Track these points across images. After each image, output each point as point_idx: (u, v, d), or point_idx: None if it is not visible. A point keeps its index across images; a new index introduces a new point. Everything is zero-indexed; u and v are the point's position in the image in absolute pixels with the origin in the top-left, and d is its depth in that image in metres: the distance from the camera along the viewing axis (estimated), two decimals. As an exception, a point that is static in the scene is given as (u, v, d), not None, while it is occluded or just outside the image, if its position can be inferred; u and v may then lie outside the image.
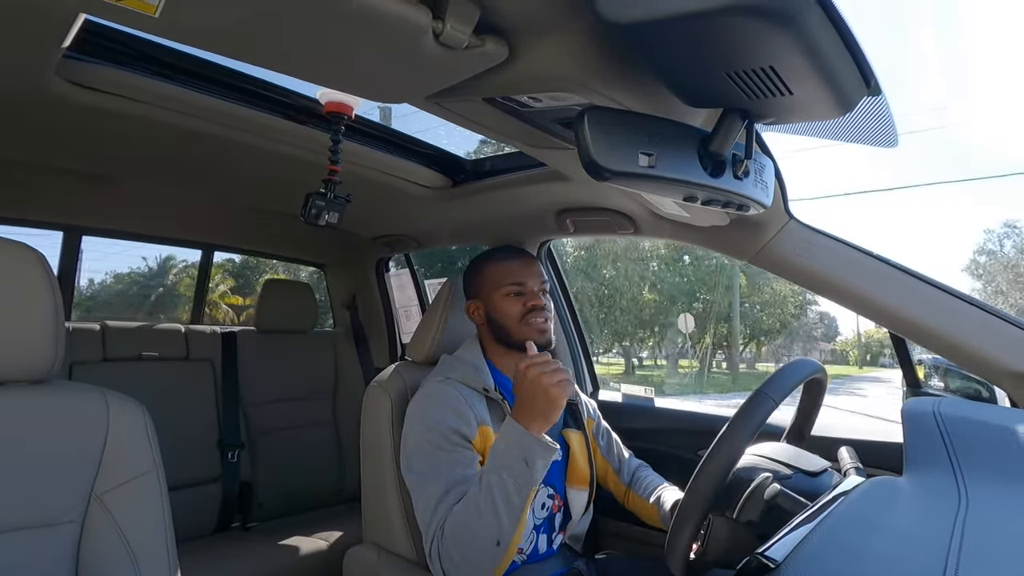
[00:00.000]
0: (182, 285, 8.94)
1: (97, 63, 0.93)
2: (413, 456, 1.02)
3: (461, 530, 0.91)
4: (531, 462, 0.88)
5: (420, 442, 1.01)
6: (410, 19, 0.60)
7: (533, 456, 0.88)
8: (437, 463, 0.98)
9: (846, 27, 0.48)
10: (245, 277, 14.38)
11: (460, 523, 0.91)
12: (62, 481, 0.76)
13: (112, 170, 1.38)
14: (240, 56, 0.73)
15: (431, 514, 0.95)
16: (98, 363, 1.68)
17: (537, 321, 1.11)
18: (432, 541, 0.94)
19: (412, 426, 1.04)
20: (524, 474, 0.88)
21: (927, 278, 1.04)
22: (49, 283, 0.77)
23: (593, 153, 0.58)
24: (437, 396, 1.04)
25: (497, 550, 0.89)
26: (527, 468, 0.88)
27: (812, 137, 0.78)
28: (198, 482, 1.75)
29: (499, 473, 0.89)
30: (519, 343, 1.10)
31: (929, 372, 1.38)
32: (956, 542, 0.49)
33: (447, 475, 0.97)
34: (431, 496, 0.96)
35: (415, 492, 1.01)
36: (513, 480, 0.88)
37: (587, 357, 1.83)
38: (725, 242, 1.22)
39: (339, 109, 1.10)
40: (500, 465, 0.89)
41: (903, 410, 0.75)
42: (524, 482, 0.88)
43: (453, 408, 1.02)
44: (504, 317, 1.12)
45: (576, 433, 1.20)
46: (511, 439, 0.90)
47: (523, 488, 0.88)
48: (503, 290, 1.12)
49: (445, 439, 0.99)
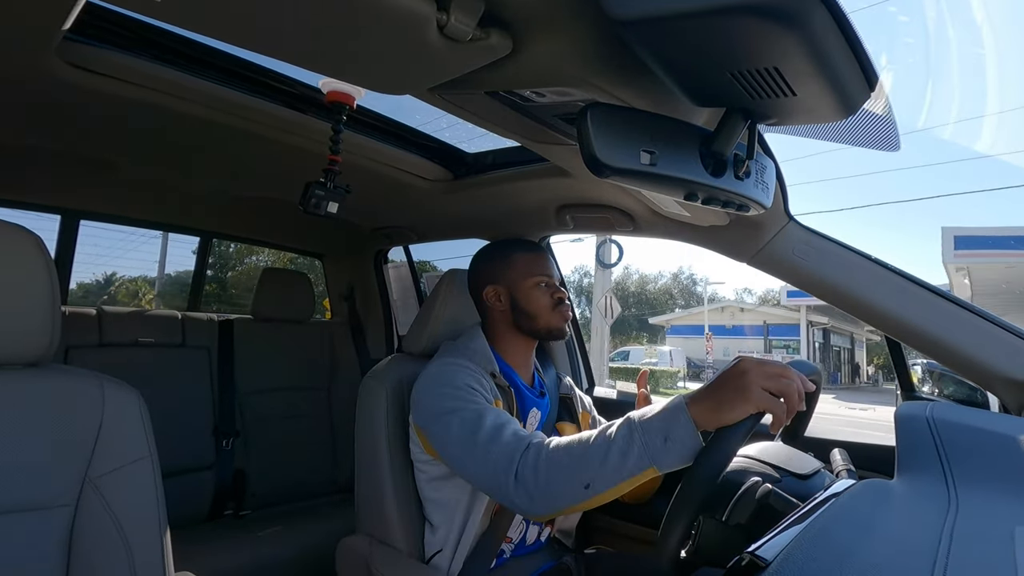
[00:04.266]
0: (121, 294, 9.33)
1: (98, 46, 0.92)
2: (437, 407, 0.98)
3: (561, 454, 0.82)
4: (672, 441, 0.75)
5: (443, 397, 0.97)
6: (414, 10, 0.60)
7: (677, 438, 0.74)
8: (469, 404, 0.95)
9: (852, 30, 0.48)
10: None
11: (563, 449, 0.82)
12: (56, 465, 0.76)
13: (111, 154, 1.37)
14: (242, 43, 0.73)
15: (495, 437, 0.88)
16: (94, 348, 1.67)
17: (564, 311, 1.17)
18: (517, 458, 0.85)
19: (429, 390, 1.01)
20: (656, 449, 0.75)
21: (924, 283, 1.04)
22: (46, 266, 0.77)
23: (595, 149, 0.58)
24: (451, 366, 1.04)
25: (584, 492, 0.79)
26: (662, 446, 0.75)
27: (813, 139, 0.78)
28: (192, 469, 1.75)
29: (632, 430, 0.77)
30: (545, 330, 1.14)
31: (923, 376, 1.38)
32: (945, 546, 0.49)
33: (489, 414, 0.92)
34: (484, 429, 0.90)
35: (448, 431, 0.94)
36: (642, 446, 0.76)
37: (583, 353, 1.83)
38: (724, 242, 1.22)
39: (341, 99, 1.09)
40: (640, 425, 0.77)
41: (896, 414, 0.75)
42: (650, 455, 0.75)
43: (470, 373, 1.02)
44: (534, 306, 1.14)
45: (571, 427, 1.21)
46: (669, 410, 0.77)
47: (644, 460, 0.75)
48: (533, 280, 1.14)
49: (470, 391, 0.98)
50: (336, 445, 2.09)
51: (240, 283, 11.61)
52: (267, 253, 13.51)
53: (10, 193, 1.66)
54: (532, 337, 1.16)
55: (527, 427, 1.12)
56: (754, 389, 0.70)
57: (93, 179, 1.58)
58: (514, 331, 1.16)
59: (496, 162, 1.40)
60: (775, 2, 0.45)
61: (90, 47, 0.91)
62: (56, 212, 1.82)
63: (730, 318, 26.40)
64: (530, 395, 1.15)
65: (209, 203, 1.89)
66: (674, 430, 0.74)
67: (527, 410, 1.13)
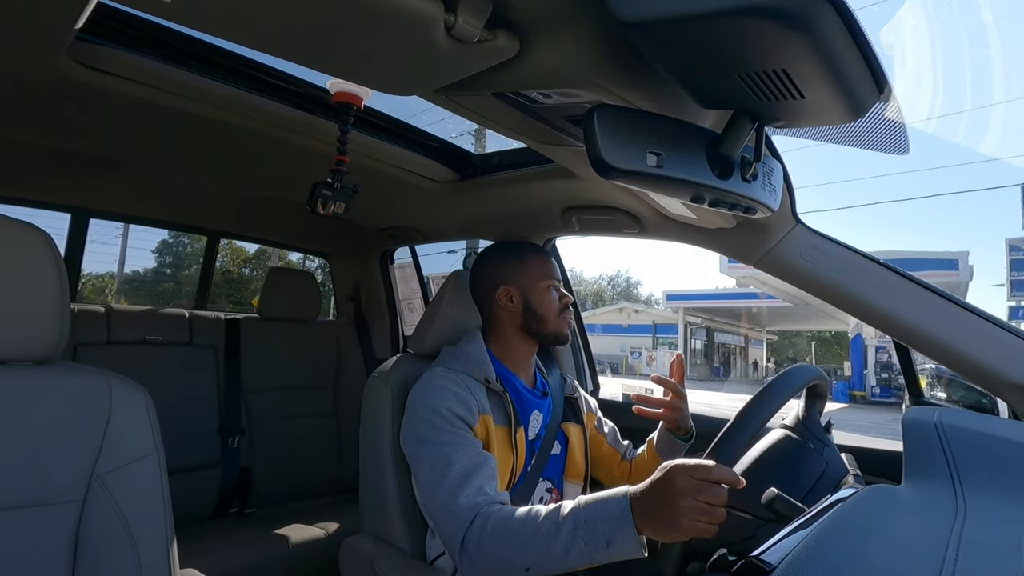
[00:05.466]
0: (87, 291, 9.49)
1: (109, 46, 0.93)
2: (416, 433, 1.01)
3: (506, 534, 0.85)
4: (614, 547, 0.77)
5: (424, 423, 1.00)
6: (422, 11, 0.60)
7: (618, 545, 0.77)
8: (443, 443, 0.97)
9: (861, 32, 0.48)
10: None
11: (508, 529, 0.85)
12: (63, 461, 0.76)
13: (120, 154, 1.38)
14: (250, 43, 0.73)
15: (454, 495, 0.91)
16: (102, 345, 1.69)
17: (569, 317, 1.18)
18: (466, 526, 0.89)
19: (415, 410, 1.04)
20: (598, 549, 0.78)
21: (932, 287, 1.04)
22: (56, 264, 0.78)
23: (601, 151, 0.58)
24: (439, 382, 1.04)
25: (524, 572, 0.83)
26: (604, 549, 0.78)
27: (821, 141, 0.77)
28: (198, 467, 1.76)
29: (577, 527, 0.80)
30: (552, 335, 1.15)
31: (931, 382, 1.37)
32: (952, 553, 0.49)
33: (460, 458, 0.94)
34: (449, 478, 0.93)
35: (420, 466, 0.98)
36: (584, 545, 0.79)
37: (588, 355, 1.83)
38: (731, 244, 1.21)
39: (348, 99, 1.10)
40: (586, 524, 0.80)
41: (904, 419, 0.75)
42: (590, 555, 0.79)
43: (455, 394, 1.02)
44: (545, 309, 1.15)
45: (575, 427, 1.20)
46: (616, 515, 0.78)
47: (584, 559, 0.79)
48: (545, 283, 1.15)
49: (448, 422, 0.99)
50: (341, 445, 2.09)
51: (192, 281, 11.74)
52: (227, 251, 13.33)
53: (21, 191, 1.68)
54: (537, 340, 1.16)
55: (529, 430, 1.12)
56: (683, 518, 0.71)
57: (102, 178, 1.59)
58: (521, 334, 1.15)
59: (502, 163, 1.40)
60: (783, 4, 0.44)
61: (101, 47, 0.92)
62: (66, 210, 1.84)
63: (627, 318, 29.67)
64: (530, 397, 1.15)
65: (217, 203, 1.90)
66: (618, 538, 0.77)
67: (528, 412, 1.13)
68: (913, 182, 61.07)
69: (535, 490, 1.10)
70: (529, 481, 1.08)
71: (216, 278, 12.61)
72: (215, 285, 12.12)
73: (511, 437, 1.06)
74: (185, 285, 10.12)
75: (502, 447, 1.05)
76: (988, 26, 25.52)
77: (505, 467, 1.04)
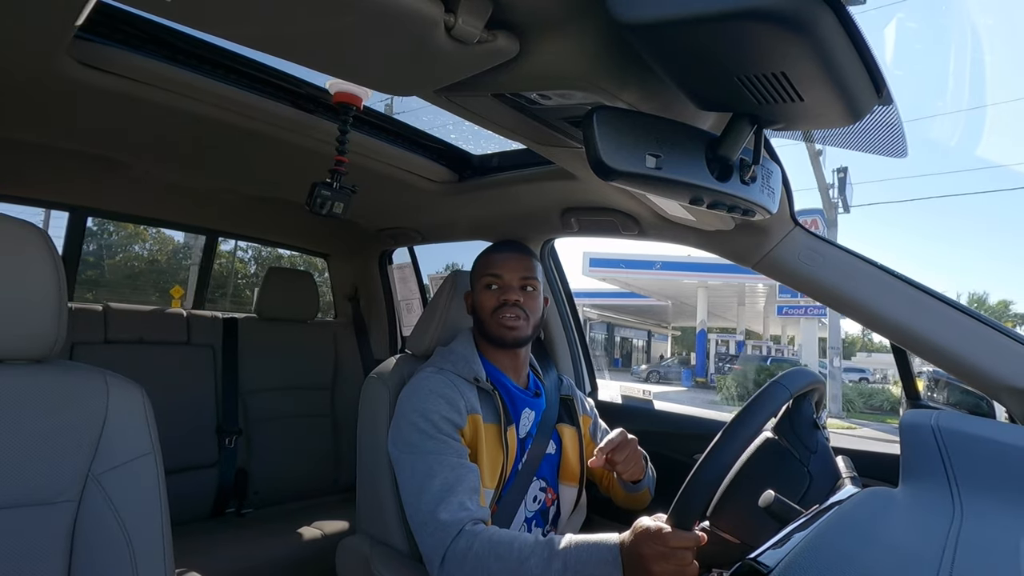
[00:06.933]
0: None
1: (109, 45, 0.93)
2: (401, 438, 1.02)
3: (489, 559, 0.86)
4: None
5: (409, 428, 1.01)
6: (422, 12, 0.60)
7: None
8: (427, 452, 0.97)
9: (860, 35, 0.48)
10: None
11: (495, 554, 0.86)
12: (59, 460, 0.76)
13: (119, 152, 1.38)
14: (250, 43, 0.73)
15: (434, 509, 0.92)
16: (99, 344, 1.68)
17: (506, 317, 1.08)
18: (447, 542, 0.89)
19: (402, 414, 1.04)
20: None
21: (930, 290, 1.04)
22: (53, 262, 0.77)
23: (600, 152, 0.58)
24: (428, 385, 1.04)
25: None
26: None
27: (820, 143, 0.78)
28: (195, 466, 1.76)
29: (566, 566, 0.81)
30: (494, 337, 1.10)
31: (929, 385, 1.37)
32: (949, 556, 0.49)
33: (441, 470, 0.95)
34: (429, 491, 0.94)
35: (402, 471, 1.00)
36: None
37: (586, 357, 1.83)
38: (729, 247, 1.21)
39: (348, 100, 1.10)
40: (576, 563, 0.81)
41: (901, 422, 0.75)
42: None
43: (443, 396, 1.02)
44: (481, 309, 1.12)
45: (570, 429, 1.20)
46: (604, 559, 0.80)
47: None
48: (482, 281, 1.13)
49: (435, 427, 0.99)
50: (338, 445, 2.09)
51: (118, 270, 11.59)
52: (153, 240, 12.90)
53: (19, 189, 1.68)
54: (491, 343, 1.12)
55: (520, 428, 1.12)
56: (663, 570, 0.75)
57: (102, 177, 1.59)
58: (480, 336, 1.15)
59: (501, 164, 1.40)
60: (783, 7, 0.45)
61: (101, 46, 0.92)
62: (64, 209, 1.84)
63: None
64: (522, 396, 1.15)
65: (216, 202, 1.90)
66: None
67: (519, 411, 1.13)
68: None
69: (529, 489, 1.10)
70: (522, 480, 1.08)
71: (143, 266, 11.91)
72: (141, 274, 11.79)
73: (502, 435, 1.06)
74: (108, 275, 9.93)
75: (492, 445, 1.05)
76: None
77: (496, 464, 1.04)
